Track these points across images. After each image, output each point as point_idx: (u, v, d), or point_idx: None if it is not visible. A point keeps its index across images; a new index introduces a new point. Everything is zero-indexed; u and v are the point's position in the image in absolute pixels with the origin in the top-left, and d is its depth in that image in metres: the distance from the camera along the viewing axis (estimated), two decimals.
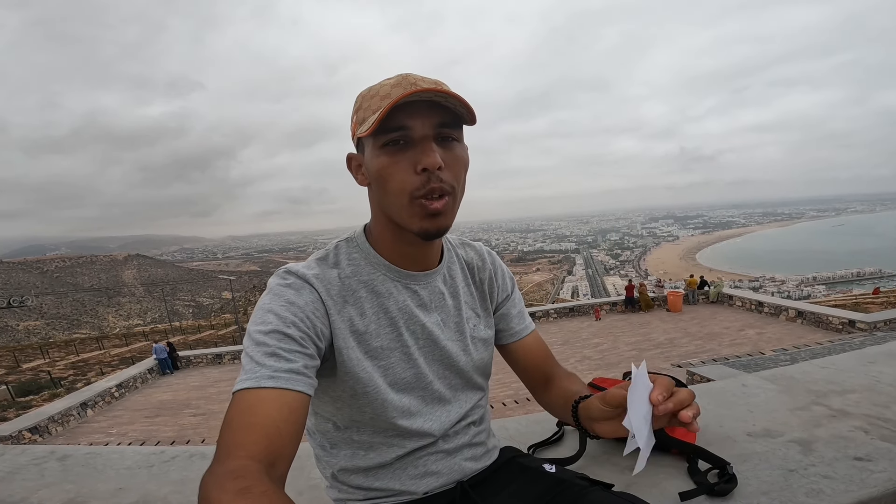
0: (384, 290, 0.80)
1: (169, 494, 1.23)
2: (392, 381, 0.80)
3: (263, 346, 0.65)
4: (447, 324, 0.85)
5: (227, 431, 0.59)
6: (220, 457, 0.57)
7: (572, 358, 10.77)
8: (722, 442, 1.22)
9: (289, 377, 0.64)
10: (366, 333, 0.78)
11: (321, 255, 0.81)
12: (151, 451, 1.48)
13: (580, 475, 0.89)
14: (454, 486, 0.86)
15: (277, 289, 0.73)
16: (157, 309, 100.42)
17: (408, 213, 0.72)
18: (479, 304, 0.92)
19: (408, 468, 0.83)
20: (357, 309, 0.78)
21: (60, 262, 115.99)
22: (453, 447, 0.87)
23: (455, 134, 0.73)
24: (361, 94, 0.74)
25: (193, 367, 14.44)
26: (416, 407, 0.82)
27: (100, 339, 32.16)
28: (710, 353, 10.01)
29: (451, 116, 0.71)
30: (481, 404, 0.94)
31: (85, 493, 1.26)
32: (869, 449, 1.14)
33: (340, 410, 0.81)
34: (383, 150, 0.71)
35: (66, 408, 9.80)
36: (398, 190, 0.71)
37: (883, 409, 1.33)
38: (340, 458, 0.83)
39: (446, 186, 0.71)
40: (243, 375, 0.64)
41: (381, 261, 0.81)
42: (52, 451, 1.52)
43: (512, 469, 0.92)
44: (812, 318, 11.56)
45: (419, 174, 0.70)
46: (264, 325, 0.67)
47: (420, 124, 0.69)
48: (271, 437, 0.59)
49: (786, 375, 1.64)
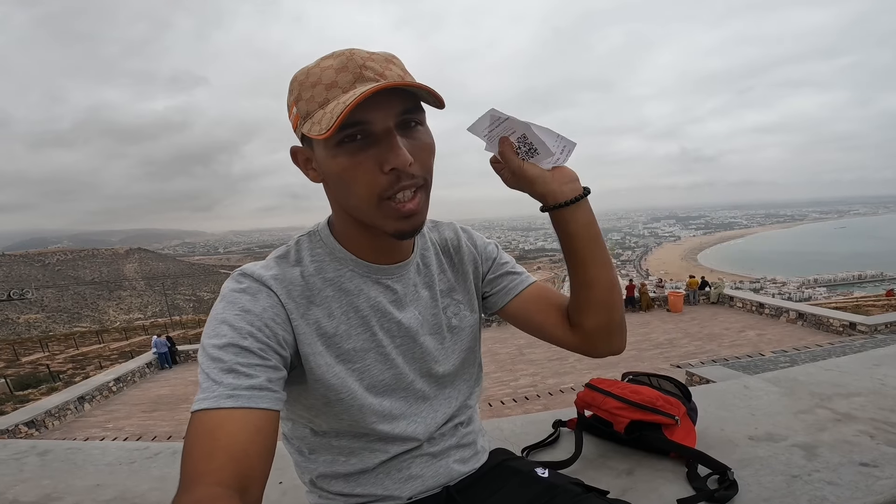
0: (353, 288, 0.73)
1: (148, 491, 1.20)
2: (370, 385, 0.74)
3: (219, 361, 0.59)
4: (425, 318, 0.79)
5: (189, 458, 0.54)
6: (187, 485, 0.52)
7: (571, 357, 10.73)
8: (723, 446, 1.18)
9: (250, 395, 0.58)
10: (335, 336, 0.71)
11: (281, 253, 0.74)
12: (134, 447, 1.44)
13: (574, 480, 0.84)
14: (440, 492, 0.81)
15: (231, 295, 0.65)
16: (157, 303, 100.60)
17: (379, 215, 0.66)
18: (460, 288, 0.85)
19: (391, 472, 0.79)
20: (324, 310, 0.71)
21: (62, 256, 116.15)
22: (440, 450, 0.82)
23: (418, 118, 0.66)
24: (298, 80, 0.64)
25: (192, 361, 14.42)
26: (398, 410, 0.77)
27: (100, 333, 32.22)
28: (710, 353, 9.96)
29: (413, 100, 0.64)
30: (469, 403, 0.89)
31: (61, 489, 1.23)
32: (875, 454, 1.10)
33: (317, 417, 0.76)
34: (340, 148, 0.62)
35: (64, 402, 9.80)
36: (364, 194, 0.64)
37: (889, 412, 1.29)
38: (319, 464, 0.78)
39: (418, 181, 0.65)
40: (200, 394, 0.58)
41: (347, 256, 0.74)
42: (34, 445, 1.48)
43: (502, 473, 0.87)
44: (813, 321, 11.53)
45: (387, 174, 0.63)
46: (218, 337, 0.61)
47: (381, 116, 0.61)
48: (239, 461, 0.53)
49: (789, 377, 1.60)
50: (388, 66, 0.63)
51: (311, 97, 0.62)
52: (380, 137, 0.62)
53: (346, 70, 0.61)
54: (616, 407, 1.16)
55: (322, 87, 0.62)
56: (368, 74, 0.62)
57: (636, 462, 1.14)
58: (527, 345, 12.23)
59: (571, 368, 9.91)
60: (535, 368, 10.18)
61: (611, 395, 1.19)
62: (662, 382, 1.27)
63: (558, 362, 10.46)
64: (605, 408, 1.18)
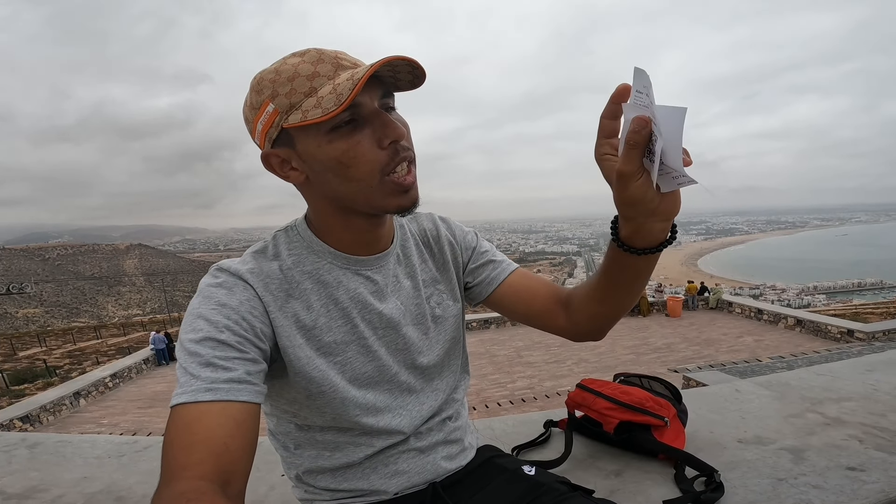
0: (332, 280, 0.73)
1: (135, 485, 1.20)
2: (352, 377, 0.74)
3: (196, 355, 0.59)
4: (407, 308, 0.79)
5: (169, 452, 0.54)
6: (167, 479, 0.52)
7: (569, 360, 10.73)
8: (711, 448, 1.18)
9: (229, 388, 0.58)
10: (315, 328, 0.71)
11: (258, 248, 0.74)
12: (124, 441, 1.44)
13: (560, 479, 0.84)
14: (426, 487, 0.81)
15: (207, 290, 0.66)
16: (156, 299, 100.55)
17: (380, 193, 0.66)
18: (442, 278, 0.85)
19: (378, 467, 0.78)
20: (302, 303, 0.71)
21: (62, 250, 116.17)
22: (427, 445, 0.82)
23: (393, 102, 0.68)
24: (268, 79, 0.63)
25: None
26: (382, 402, 0.77)
27: (98, 329, 32.19)
28: (708, 358, 9.95)
29: (387, 87, 0.66)
30: (456, 397, 0.88)
31: (48, 481, 1.22)
32: (863, 458, 1.10)
33: (300, 412, 0.75)
34: (335, 133, 0.63)
35: (59, 397, 9.76)
36: (367, 172, 0.65)
37: (879, 417, 1.29)
38: (305, 458, 0.78)
39: (411, 153, 0.68)
40: (179, 389, 0.58)
41: (326, 248, 0.74)
42: (24, 438, 1.48)
43: (489, 470, 0.87)
44: (811, 327, 11.51)
45: (385, 149, 0.65)
46: (195, 332, 0.61)
47: (368, 99, 0.63)
48: (219, 455, 0.53)
49: (781, 382, 1.60)
50: (356, 59, 0.66)
51: (293, 89, 0.62)
52: (370, 118, 0.64)
53: (323, 62, 0.63)
54: (606, 407, 1.16)
55: (303, 78, 0.62)
56: (346, 63, 0.64)
57: (625, 463, 1.14)
58: (525, 347, 12.22)
59: (569, 371, 9.90)
60: (532, 371, 10.16)
61: (601, 396, 1.18)
62: (653, 384, 1.27)
63: (556, 365, 10.46)
64: (596, 408, 1.18)
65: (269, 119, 0.64)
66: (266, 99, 0.63)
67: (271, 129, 0.65)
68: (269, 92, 0.63)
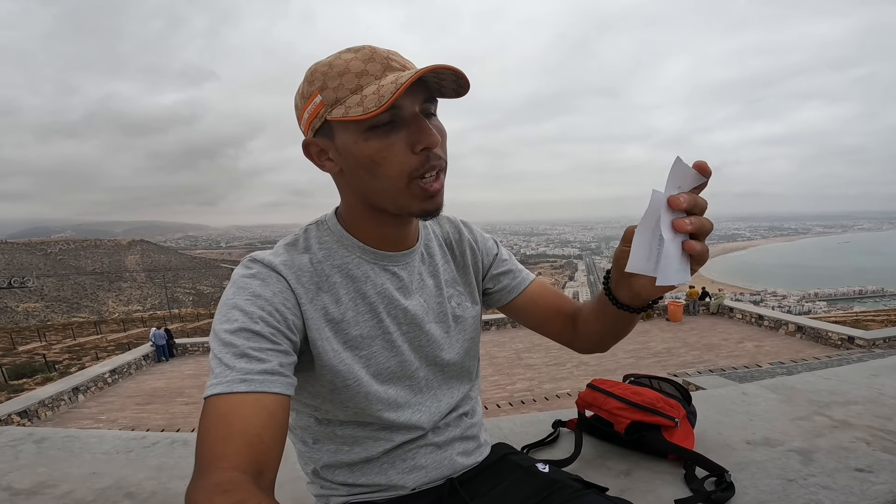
0: (360, 274, 0.74)
1: (144, 480, 1.19)
2: (376, 372, 0.75)
3: (231, 346, 0.60)
4: (430, 305, 0.80)
5: (204, 442, 0.55)
6: (203, 469, 0.52)
7: (569, 363, 10.72)
8: (720, 449, 1.18)
9: (263, 379, 0.59)
10: (342, 322, 0.72)
11: (290, 241, 0.75)
12: (132, 437, 1.44)
13: (574, 477, 0.85)
14: (443, 483, 0.81)
15: (241, 280, 0.66)
16: (157, 295, 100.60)
17: (406, 195, 0.67)
18: (462, 280, 0.87)
19: (396, 462, 0.79)
20: (332, 296, 0.72)
21: (64, 245, 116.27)
22: (444, 440, 0.82)
23: (435, 108, 0.69)
24: (321, 71, 0.65)
25: (189, 355, 14.42)
26: (403, 398, 0.77)
27: (98, 324, 32.21)
28: (708, 363, 9.94)
29: (431, 92, 0.67)
30: (472, 395, 0.89)
31: (57, 477, 1.22)
32: (870, 460, 1.10)
33: (322, 406, 0.76)
34: (372, 132, 0.64)
35: (58, 392, 9.75)
36: (396, 173, 0.66)
37: (886, 420, 1.30)
38: (323, 453, 0.79)
39: (442, 163, 0.68)
40: (213, 380, 0.59)
41: (355, 243, 0.75)
42: (31, 433, 1.48)
43: (503, 466, 0.87)
44: (811, 333, 11.50)
45: (417, 154, 0.65)
46: (230, 322, 0.62)
47: (409, 102, 0.64)
48: (254, 446, 0.54)
49: (787, 385, 1.60)
50: (406, 60, 0.67)
51: (341, 84, 0.64)
52: (408, 121, 0.65)
53: (374, 61, 0.64)
54: (617, 407, 1.16)
55: (352, 75, 0.64)
56: (395, 65, 0.65)
57: (634, 463, 1.14)
58: (525, 349, 12.21)
59: (568, 374, 9.89)
60: (532, 373, 10.16)
61: (612, 396, 1.19)
62: (663, 385, 1.27)
63: (555, 368, 10.45)
64: (607, 408, 1.18)
65: (315, 110, 0.66)
66: (315, 90, 0.66)
67: (315, 119, 0.67)
68: (319, 84, 0.65)
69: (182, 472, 1.23)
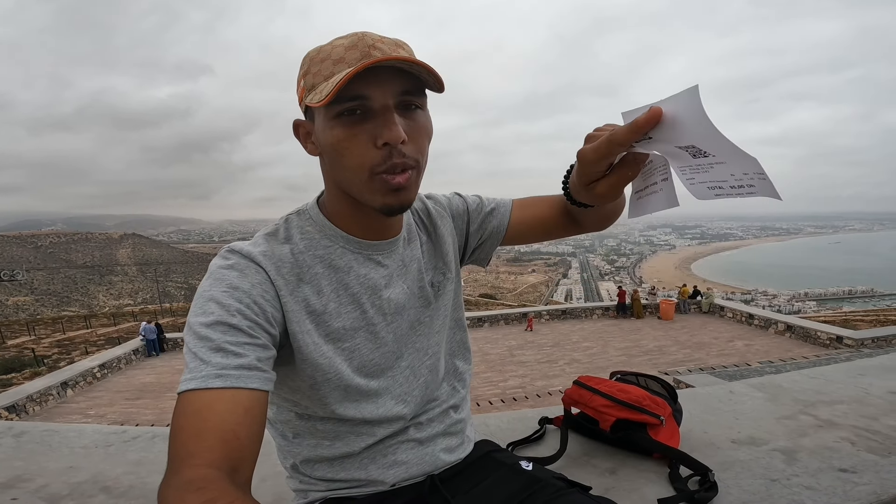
0: (343, 265, 0.72)
1: (122, 475, 1.17)
2: (359, 365, 0.73)
3: (207, 340, 0.58)
4: (412, 290, 0.78)
5: (177, 439, 0.53)
6: (176, 467, 0.51)
7: (561, 360, 10.77)
8: (705, 448, 1.18)
9: (239, 374, 0.57)
10: (324, 314, 0.70)
11: (270, 231, 0.72)
12: (112, 431, 1.42)
13: (557, 475, 0.84)
14: (424, 479, 0.80)
15: (218, 272, 0.64)
16: (148, 289, 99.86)
17: (367, 189, 0.65)
18: (438, 253, 0.84)
19: (376, 457, 0.78)
20: (313, 287, 0.70)
21: (55, 238, 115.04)
22: (427, 436, 0.81)
23: (418, 101, 0.65)
24: (310, 56, 0.65)
25: (180, 349, 14.33)
26: (385, 390, 0.76)
27: (88, 318, 31.93)
28: (698, 362, 10.02)
29: (415, 83, 0.63)
30: (459, 388, 0.88)
31: (33, 471, 1.20)
32: (854, 461, 1.10)
33: (302, 400, 0.74)
34: (337, 120, 0.62)
35: (46, 387, 9.67)
36: (356, 165, 0.63)
37: (871, 420, 1.30)
38: (303, 448, 0.77)
39: (409, 161, 0.64)
40: (187, 374, 0.56)
41: (338, 232, 0.73)
42: (10, 426, 1.45)
43: (486, 464, 0.86)
44: (801, 333, 11.62)
45: (380, 148, 0.62)
46: (206, 315, 0.59)
47: (380, 93, 0.61)
48: (228, 442, 0.52)
49: (774, 384, 1.60)
50: (397, 49, 0.63)
51: (319, 71, 0.63)
52: (377, 113, 0.62)
53: (356, 48, 0.62)
54: (603, 405, 1.15)
55: (330, 62, 0.62)
56: (376, 54, 0.61)
57: (620, 461, 1.13)
58: (517, 346, 12.25)
59: (560, 371, 9.93)
60: (524, 370, 10.19)
61: (598, 393, 1.18)
62: (650, 382, 1.26)
63: (548, 365, 10.49)
64: (593, 405, 1.17)
65: (300, 93, 0.67)
66: (302, 74, 0.66)
67: (301, 102, 0.67)
68: (305, 68, 0.65)
69: (161, 468, 1.20)
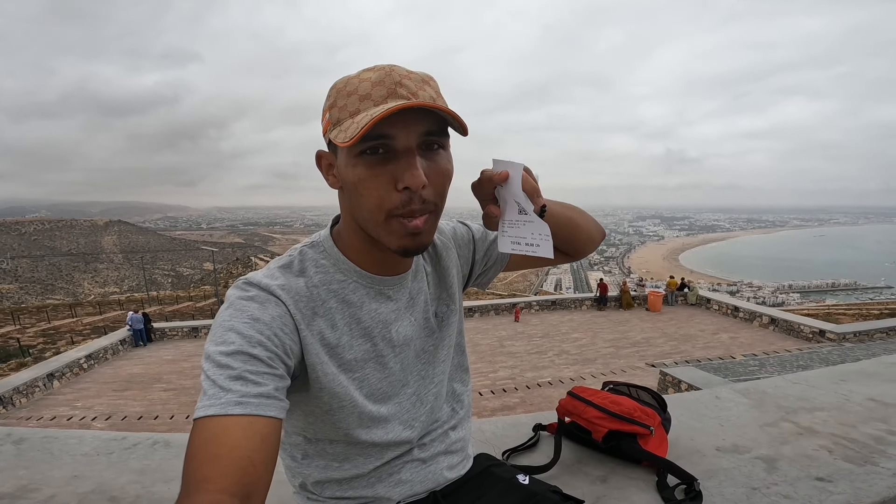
0: (356, 300, 0.74)
1: (127, 484, 1.19)
2: (368, 393, 0.76)
3: (227, 368, 0.59)
4: (419, 322, 0.81)
5: (192, 463, 0.54)
6: (189, 491, 0.52)
7: (550, 351, 10.90)
8: (691, 456, 1.23)
9: (259, 402, 0.58)
10: (338, 347, 0.73)
11: (284, 263, 0.74)
12: (112, 437, 1.43)
13: (553, 488, 0.88)
14: (427, 496, 0.84)
15: (239, 303, 0.65)
16: (134, 277, 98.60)
17: (384, 230, 0.66)
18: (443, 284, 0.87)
19: (383, 477, 0.81)
20: (327, 321, 0.72)
21: (39, 225, 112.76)
22: (429, 455, 0.85)
23: (441, 141, 0.66)
24: (336, 88, 0.65)
25: (168, 339, 14.24)
26: (394, 416, 0.79)
27: (73, 307, 31.49)
28: (684, 354, 10.21)
29: (439, 124, 0.64)
30: (458, 410, 0.91)
31: (38, 480, 1.21)
32: (831, 469, 1.15)
33: (313, 425, 0.77)
34: (360, 159, 0.63)
35: (33, 378, 9.55)
36: (374, 206, 0.65)
37: (850, 428, 1.35)
38: (312, 469, 0.80)
39: (429, 206, 0.65)
40: (206, 401, 0.58)
41: (351, 267, 0.74)
42: (9, 433, 1.46)
43: (485, 479, 0.90)
44: (784, 326, 11.86)
45: (400, 192, 0.63)
46: (226, 345, 0.61)
47: (404, 134, 0.62)
48: (243, 469, 0.53)
49: (758, 389, 1.66)
50: (423, 86, 0.64)
51: (345, 106, 0.64)
52: (400, 154, 0.63)
53: (382, 85, 0.62)
54: (596, 416, 1.20)
55: (356, 97, 0.63)
56: (402, 92, 0.62)
57: (610, 469, 1.18)
58: (507, 337, 12.37)
59: (550, 363, 10.07)
60: (514, 361, 10.30)
61: (591, 405, 1.22)
62: (641, 393, 1.31)
63: (537, 356, 10.62)
64: (586, 417, 1.21)
65: (325, 126, 0.68)
66: (328, 106, 0.66)
67: (325, 134, 0.68)
68: (331, 101, 0.66)
69: (165, 476, 1.23)
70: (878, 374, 1.76)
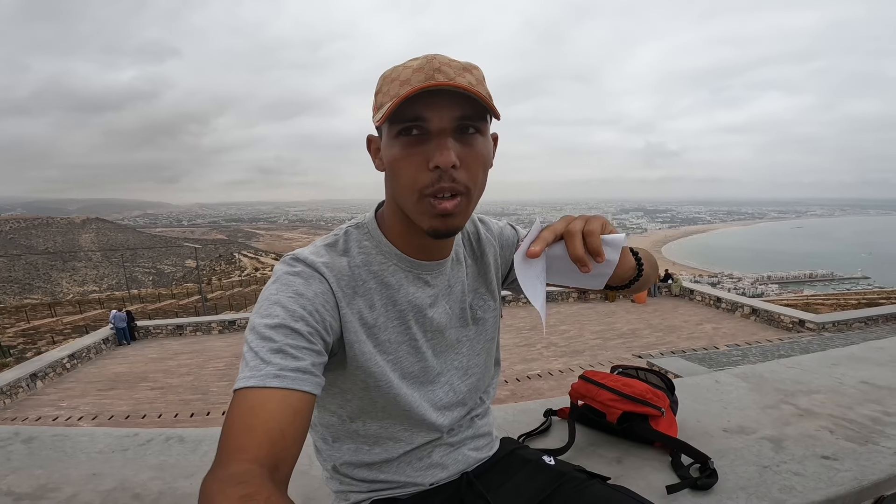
0: (394, 282, 0.76)
1: (148, 481, 1.18)
2: (402, 375, 0.78)
3: (269, 341, 0.61)
4: (454, 311, 0.82)
5: (228, 433, 0.56)
6: (222, 460, 0.54)
7: (539, 344, 11.00)
8: (700, 437, 1.27)
9: (295, 376, 0.60)
10: (374, 327, 0.75)
11: (330, 241, 0.76)
12: (125, 434, 1.42)
13: (577, 467, 0.90)
14: (459, 478, 0.86)
15: (285, 278, 0.68)
16: (114, 275, 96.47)
17: (417, 209, 0.68)
18: (483, 279, 0.87)
19: (413, 461, 0.83)
20: (366, 301, 0.74)
21: (15, 224, 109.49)
22: (458, 440, 0.87)
23: (478, 125, 0.66)
24: (383, 76, 0.68)
25: (152, 337, 14.00)
26: (428, 402, 0.81)
27: (52, 306, 30.74)
28: (669, 345, 10.41)
29: (476, 108, 0.64)
30: (485, 399, 0.93)
31: (57, 479, 1.19)
32: (835, 448, 1.21)
33: (349, 402, 0.78)
34: (397, 139, 0.66)
35: (15, 379, 9.33)
36: (408, 185, 0.66)
37: (846, 409, 1.41)
38: (344, 452, 0.82)
39: (459, 187, 0.65)
40: (246, 372, 0.59)
41: (393, 250, 0.76)
42: (17, 432, 1.43)
43: (513, 461, 0.92)
44: (765, 316, 12.16)
45: (431, 171, 0.64)
46: (270, 318, 0.63)
47: (438, 116, 0.63)
48: (275, 440, 0.55)
49: (755, 373, 1.71)
50: (463, 73, 0.65)
51: (387, 91, 0.66)
52: (433, 136, 0.64)
53: (422, 71, 0.64)
54: (609, 399, 1.23)
55: (398, 83, 0.65)
56: (439, 77, 0.63)
57: (624, 451, 1.22)
58: None
59: (538, 356, 10.17)
60: (503, 354, 10.30)
61: (605, 388, 1.26)
62: (649, 376, 1.35)
63: (526, 349, 10.71)
64: (599, 399, 1.25)
65: (373, 111, 0.70)
66: (375, 93, 0.69)
67: (374, 119, 0.70)
68: (378, 87, 0.69)
69: (185, 472, 1.23)
70: (867, 358, 1.83)
